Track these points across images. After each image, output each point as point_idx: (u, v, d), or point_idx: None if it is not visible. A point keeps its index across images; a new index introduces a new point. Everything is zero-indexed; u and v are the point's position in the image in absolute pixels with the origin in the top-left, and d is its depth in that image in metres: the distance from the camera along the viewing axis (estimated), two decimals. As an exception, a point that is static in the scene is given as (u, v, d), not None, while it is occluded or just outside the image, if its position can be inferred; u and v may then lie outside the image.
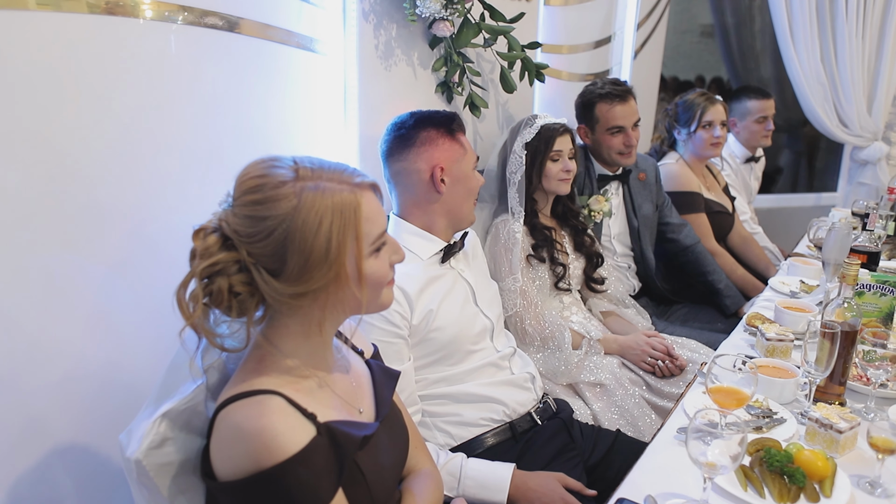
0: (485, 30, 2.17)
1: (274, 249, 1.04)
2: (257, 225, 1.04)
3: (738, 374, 1.42)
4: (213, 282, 1.04)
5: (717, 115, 3.01)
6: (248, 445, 1.00)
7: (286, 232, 1.03)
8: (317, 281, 1.05)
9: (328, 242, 1.04)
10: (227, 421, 1.03)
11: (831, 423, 1.42)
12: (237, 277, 1.05)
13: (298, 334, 1.13)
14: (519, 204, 2.18)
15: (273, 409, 1.02)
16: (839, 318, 1.57)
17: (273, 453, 0.99)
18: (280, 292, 1.05)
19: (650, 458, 1.44)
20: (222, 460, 1.04)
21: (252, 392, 1.04)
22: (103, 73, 1.40)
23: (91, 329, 1.46)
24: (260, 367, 1.10)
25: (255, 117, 1.72)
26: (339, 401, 1.17)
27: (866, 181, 4.47)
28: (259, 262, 1.05)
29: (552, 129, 2.21)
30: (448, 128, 1.73)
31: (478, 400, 1.72)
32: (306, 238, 1.03)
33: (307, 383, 1.12)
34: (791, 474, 1.29)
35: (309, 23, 1.80)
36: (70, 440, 1.43)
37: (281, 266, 1.04)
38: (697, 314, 2.85)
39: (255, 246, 1.04)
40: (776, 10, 3.99)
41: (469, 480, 1.55)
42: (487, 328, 1.81)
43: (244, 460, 1.00)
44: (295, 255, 1.03)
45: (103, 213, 1.44)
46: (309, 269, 1.04)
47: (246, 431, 1.00)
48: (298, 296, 1.06)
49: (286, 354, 1.12)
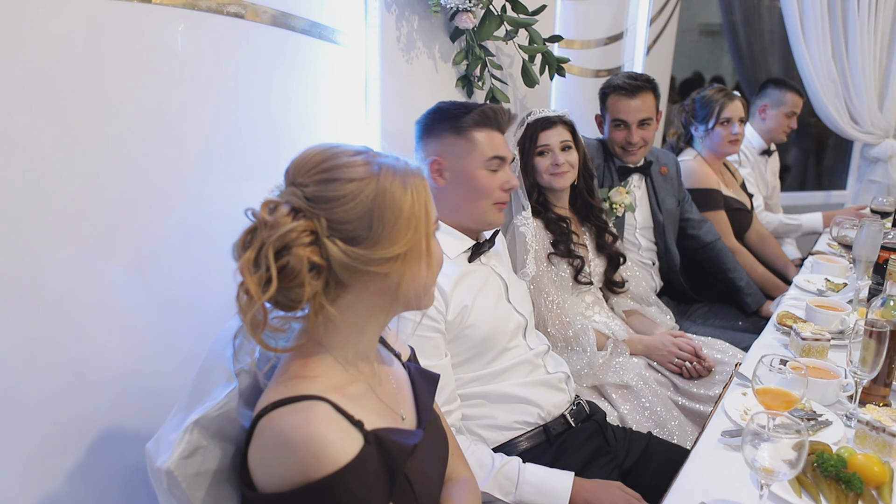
0: (507, 22, 2.11)
1: (361, 212, 0.99)
2: (340, 189, 0.99)
3: (781, 374, 1.37)
4: (288, 253, 0.96)
5: (736, 111, 2.96)
6: (296, 455, 0.93)
7: (375, 192, 0.99)
8: (402, 245, 1.00)
9: (413, 204, 1.01)
10: (271, 429, 0.96)
11: (884, 426, 1.36)
12: (311, 249, 0.97)
13: (345, 333, 1.07)
14: (525, 198, 2.15)
15: (321, 416, 0.96)
16: (883, 317, 1.52)
17: (323, 464, 0.93)
18: (361, 259, 0.99)
19: (696, 463, 1.38)
20: (265, 470, 0.97)
21: (297, 398, 0.97)
22: (119, 62, 1.33)
23: (108, 332, 1.40)
24: (304, 370, 1.03)
25: (275, 109, 1.66)
26: (384, 407, 1.11)
27: (877, 178, 4.43)
28: (337, 231, 0.99)
29: (536, 123, 2.16)
30: (457, 121, 1.66)
31: (512, 401, 1.67)
32: (395, 197, 1.00)
33: (353, 388, 1.06)
34: (847, 480, 1.24)
35: (331, 13, 1.74)
36: (88, 448, 1.37)
37: (365, 231, 0.99)
38: (718, 312, 2.81)
39: (337, 211, 0.98)
40: (787, 7, 3.95)
41: (527, 486, 1.50)
42: (521, 325, 1.76)
43: (291, 471, 0.93)
44: (386, 214, 0.99)
45: (120, 210, 1.38)
46: (397, 230, 1.00)
47: (293, 440, 0.93)
48: (380, 261, 1.00)
49: (332, 355, 1.06)
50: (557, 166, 2.15)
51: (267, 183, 1.64)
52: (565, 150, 2.17)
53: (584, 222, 2.34)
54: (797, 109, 3.44)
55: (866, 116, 4.23)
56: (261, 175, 1.65)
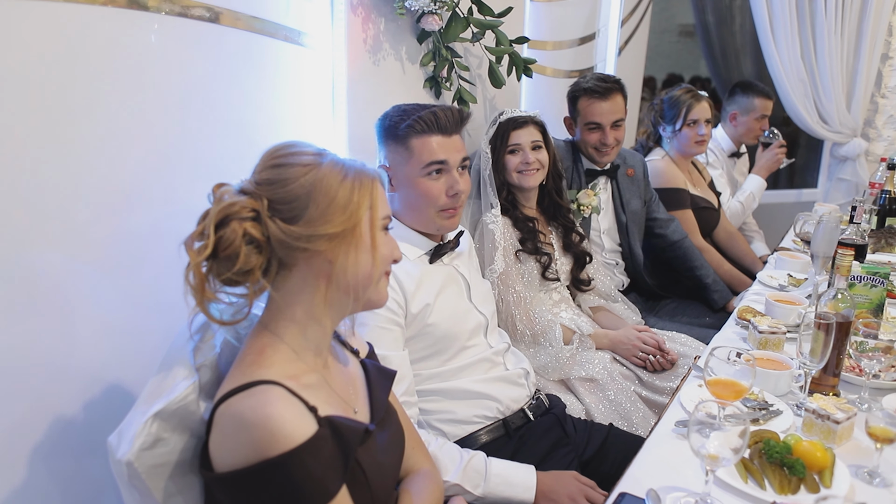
0: (473, 24, 2.15)
1: (299, 194, 1.07)
2: (284, 173, 1.08)
3: (735, 366, 1.41)
4: (226, 225, 1.04)
5: (703, 112, 3.02)
6: (253, 434, 0.97)
7: (313, 179, 1.07)
8: (335, 225, 1.07)
9: (350, 193, 1.09)
10: (228, 413, 1.00)
11: (829, 413, 1.42)
12: (251, 224, 1.05)
13: (300, 323, 1.12)
14: (494, 197, 2.19)
15: (276, 398, 1.00)
16: (833, 310, 1.57)
17: (279, 442, 0.96)
18: (296, 236, 1.06)
19: (649, 452, 1.43)
20: (223, 452, 1.01)
21: (253, 383, 1.02)
22: (84, 65, 1.36)
23: (76, 328, 1.42)
24: (260, 358, 1.08)
25: (243, 111, 1.69)
26: (337, 398, 1.15)
27: (846, 177, 4.52)
28: (277, 212, 1.07)
29: (507, 122, 2.21)
30: (395, 129, 1.66)
31: (471, 396, 1.71)
32: (331, 185, 1.08)
33: (307, 378, 1.10)
34: (791, 465, 1.28)
35: (297, 16, 1.77)
36: (56, 443, 1.39)
37: (301, 212, 1.07)
38: (685, 309, 2.86)
39: (278, 192, 1.07)
40: (757, 9, 4.02)
41: (496, 478, 1.54)
42: (482, 324, 1.80)
43: (247, 450, 0.97)
44: (319, 198, 1.07)
45: (90, 210, 1.40)
46: (331, 212, 1.07)
47: (249, 421, 0.98)
48: (314, 238, 1.06)
49: (287, 344, 1.10)
50: (527, 165, 2.19)
51: (235, 182, 1.68)
52: (535, 149, 2.22)
53: (551, 222, 2.38)
54: (767, 112, 3.50)
55: (835, 116, 4.31)
56: (229, 175, 1.65)
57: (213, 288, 1.06)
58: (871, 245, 2.73)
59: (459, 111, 1.72)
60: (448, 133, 1.69)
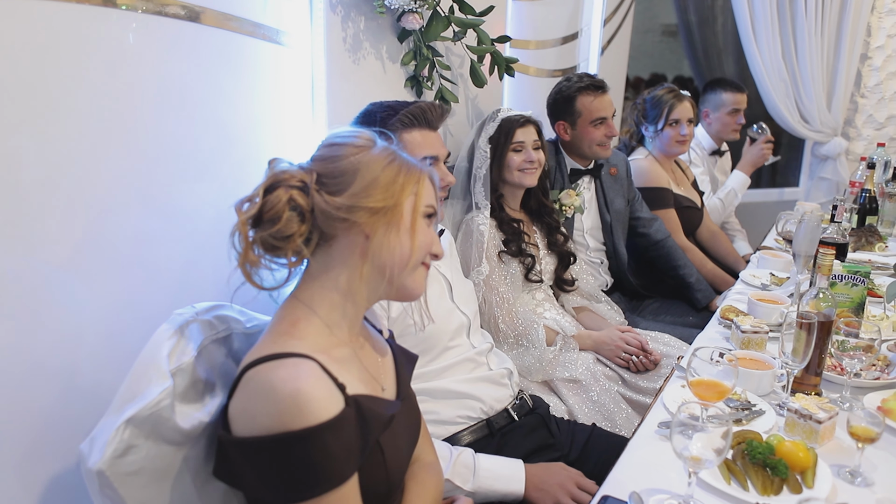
0: (454, 23, 2.14)
1: (345, 170, 1.11)
2: (336, 150, 1.14)
3: (718, 366, 1.41)
4: (274, 190, 1.09)
5: (685, 112, 3.02)
6: (280, 406, 0.98)
7: (361, 158, 1.12)
8: (376, 200, 1.10)
9: (396, 175, 1.12)
10: (258, 379, 1.01)
11: (811, 413, 1.41)
12: (297, 192, 1.09)
13: (334, 297, 1.14)
14: (484, 198, 2.19)
15: (308, 373, 1.01)
16: (814, 309, 1.57)
17: (304, 417, 0.97)
18: (338, 206, 1.09)
19: (632, 453, 1.42)
20: (247, 418, 1.01)
21: (286, 354, 1.03)
22: (55, 63, 1.33)
23: (47, 333, 1.39)
24: (293, 329, 1.10)
25: (221, 110, 1.66)
26: (366, 374, 1.17)
27: (827, 176, 4.56)
28: (323, 185, 1.11)
29: (512, 120, 2.22)
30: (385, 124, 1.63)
31: (454, 396, 1.70)
32: (378, 165, 1.12)
33: (339, 352, 1.12)
34: (774, 466, 1.28)
35: (275, 14, 1.74)
36: (26, 452, 1.35)
37: (345, 186, 1.10)
38: (669, 308, 2.86)
39: (327, 166, 1.12)
40: (739, 9, 4.05)
41: (485, 472, 1.54)
42: (464, 324, 1.79)
43: (271, 419, 0.98)
44: (365, 174, 1.11)
45: (65, 212, 1.37)
46: (373, 187, 1.10)
47: (279, 391, 0.98)
48: (355, 209, 1.09)
49: (320, 318, 1.13)
50: (531, 163, 2.21)
51: (214, 183, 1.65)
52: (536, 149, 2.23)
53: (535, 222, 2.38)
54: (739, 106, 3.50)
55: (816, 115, 4.35)
56: (207, 175, 1.65)
57: (257, 253, 1.10)
58: (852, 244, 2.75)
59: (441, 106, 1.73)
60: (434, 127, 1.71)
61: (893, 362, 1.78)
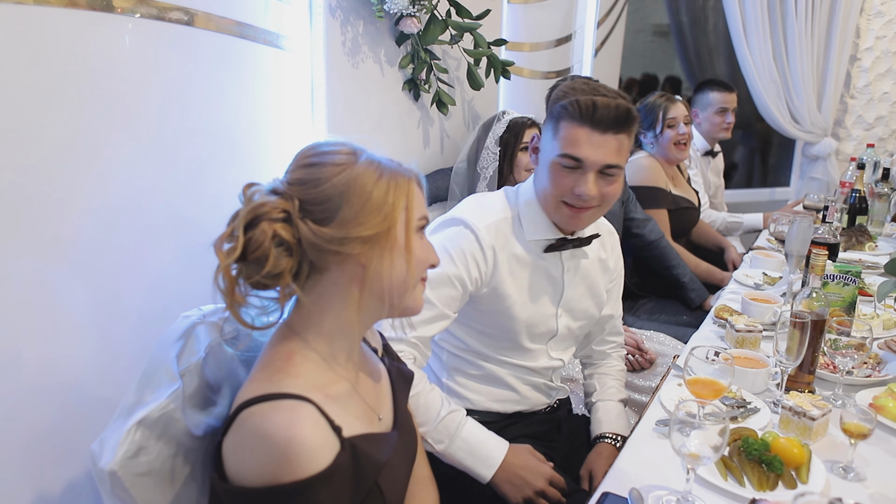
0: (451, 26, 2.16)
1: (332, 194, 1.02)
2: (316, 172, 1.03)
3: (714, 365, 1.43)
4: (255, 226, 0.99)
5: (679, 112, 3.04)
6: (272, 455, 0.93)
7: (346, 178, 1.02)
8: (369, 227, 1.02)
9: (386, 193, 1.04)
10: (251, 423, 0.96)
11: (804, 410, 1.44)
12: (281, 225, 1.00)
13: (330, 330, 1.08)
14: None
15: (304, 419, 0.96)
16: (808, 309, 1.60)
17: (295, 468, 0.93)
18: (328, 238, 1.00)
19: (631, 451, 1.44)
20: (237, 460, 0.97)
21: (282, 395, 0.97)
22: (61, 69, 1.34)
23: (55, 338, 1.40)
24: (287, 365, 1.03)
25: (223, 114, 1.68)
26: (364, 408, 1.12)
27: (817, 176, 4.61)
28: (308, 213, 1.02)
29: (521, 122, 2.25)
30: (554, 103, 1.52)
31: (502, 386, 1.67)
32: (366, 184, 1.03)
33: (336, 388, 1.07)
34: (769, 462, 1.31)
35: (275, 19, 1.76)
36: (34, 454, 1.37)
37: (333, 213, 1.01)
38: (663, 308, 2.89)
39: (310, 192, 1.02)
40: (730, 10, 4.09)
41: (461, 442, 1.48)
42: (551, 332, 1.68)
43: (263, 469, 0.94)
44: (353, 198, 1.02)
45: (66, 217, 1.38)
46: (364, 213, 1.02)
47: (272, 439, 0.94)
48: (347, 241, 1.01)
49: (316, 352, 1.07)
50: None
51: (216, 186, 1.67)
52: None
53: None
54: (727, 105, 3.51)
55: (806, 116, 4.40)
56: (209, 179, 1.66)
57: (243, 291, 1.02)
58: (843, 243, 2.78)
59: (627, 110, 1.45)
60: (602, 130, 1.44)
61: (884, 360, 1.81)
